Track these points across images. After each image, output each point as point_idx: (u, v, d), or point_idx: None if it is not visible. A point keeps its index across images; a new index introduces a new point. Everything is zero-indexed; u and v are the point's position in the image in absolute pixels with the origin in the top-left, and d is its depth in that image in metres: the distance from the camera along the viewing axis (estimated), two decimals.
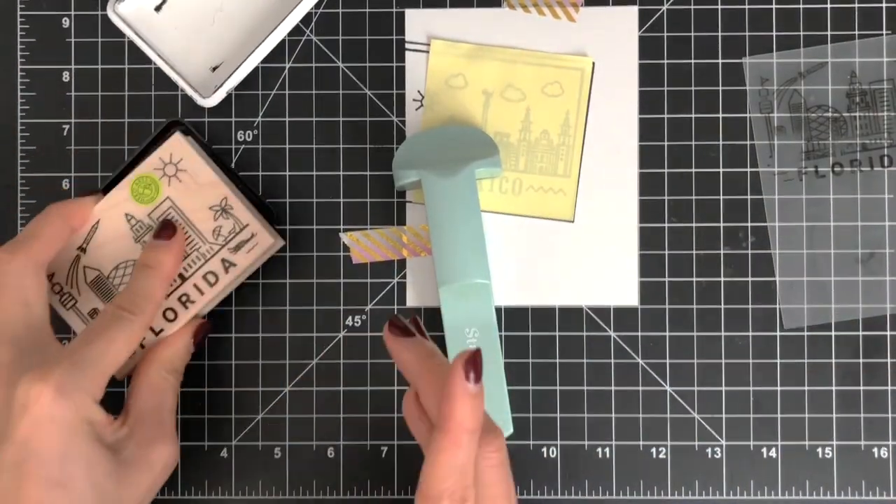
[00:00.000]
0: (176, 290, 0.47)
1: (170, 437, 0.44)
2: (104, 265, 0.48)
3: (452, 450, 0.34)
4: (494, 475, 0.36)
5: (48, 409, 0.39)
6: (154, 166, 0.48)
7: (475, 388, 0.34)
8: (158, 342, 0.47)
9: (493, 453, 0.36)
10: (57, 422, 0.39)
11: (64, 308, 0.48)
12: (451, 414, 0.34)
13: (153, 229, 0.47)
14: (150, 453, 0.43)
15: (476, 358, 0.35)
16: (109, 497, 0.41)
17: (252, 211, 0.48)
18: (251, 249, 0.47)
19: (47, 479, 0.38)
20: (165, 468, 0.44)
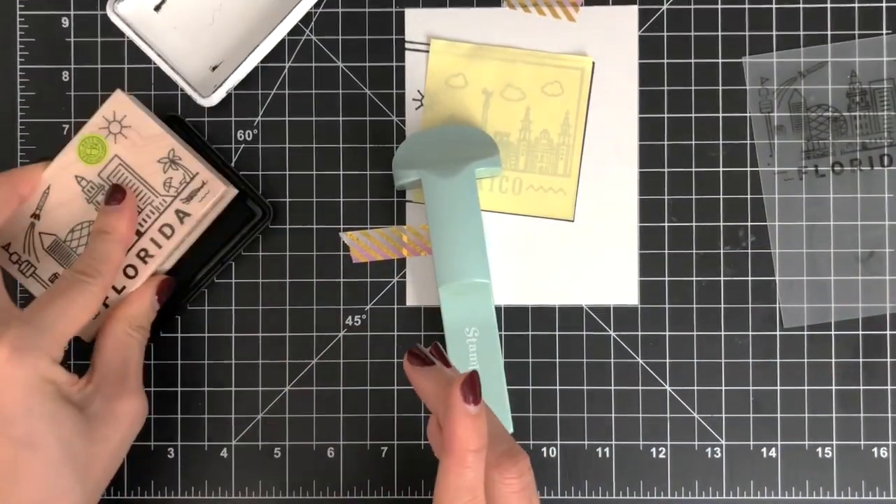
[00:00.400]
0: (134, 246, 0.47)
1: (136, 392, 0.45)
2: (60, 229, 0.48)
3: (458, 470, 0.35)
4: (515, 501, 0.36)
5: (3, 370, 0.39)
6: (99, 125, 0.48)
7: (475, 410, 0.35)
8: (122, 300, 0.47)
9: (513, 479, 0.36)
10: (14, 381, 0.39)
11: (24, 276, 0.48)
12: (453, 435, 0.35)
13: (104, 194, 0.47)
14: (116, 408, 0.43)
15: (473, 380, 0.35)
16: (80, 454, 0.41)
17: (201, 160, 0.48)
18: (203, 198, 0.47)
19: (13, 438, 0.38)
20: (134, 422, 0.44)
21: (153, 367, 0.51)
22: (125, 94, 0.48)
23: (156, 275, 0.48)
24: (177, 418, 0.51)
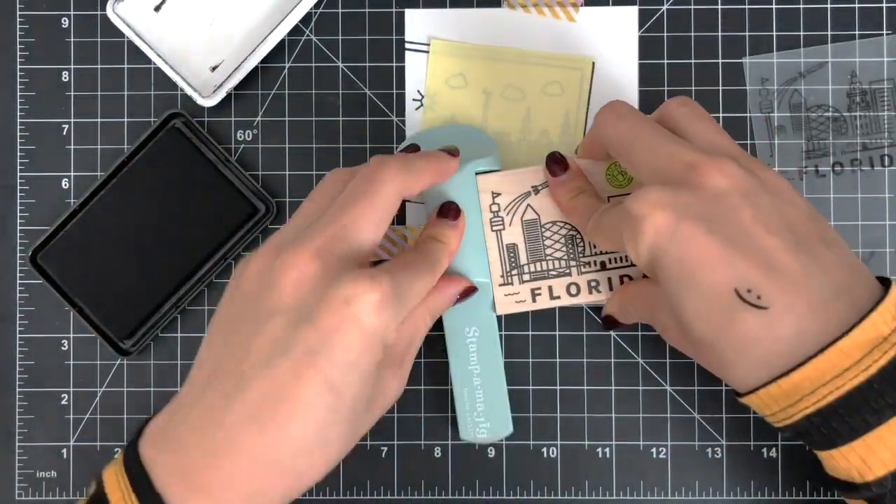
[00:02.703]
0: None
1: (406, 374, 0.43)
2: (544, 214, 0.48)
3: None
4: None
5: (367, 315, 0.37)
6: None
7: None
8: (437, 289, 0.45)
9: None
10: (366, 330, 0.37)
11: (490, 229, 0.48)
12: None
13: (442, 209, 0.47)
14: (390, 385, 0.42)
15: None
16: (357, 420, 0.39)
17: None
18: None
19: (328, 380, 0.36)
20: (393, 401, 0.43)
21: (153, 367, 0.51)
22: None
23: (460, 276, 0.47)
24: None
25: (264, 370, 0.36)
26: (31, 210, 0.52)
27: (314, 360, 0.36)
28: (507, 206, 0.47)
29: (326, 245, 0.38)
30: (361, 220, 0.39)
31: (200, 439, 0.37)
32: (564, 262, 0.47)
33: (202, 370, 0.39)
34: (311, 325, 0.36)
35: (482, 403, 0.48)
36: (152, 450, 0.38)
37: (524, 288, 0.47)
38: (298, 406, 0.36)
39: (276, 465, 0.36)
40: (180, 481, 0.36)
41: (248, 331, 0.38)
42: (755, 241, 0.37)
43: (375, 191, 0.40)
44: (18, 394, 0.51)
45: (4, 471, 0.51)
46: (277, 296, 0.37)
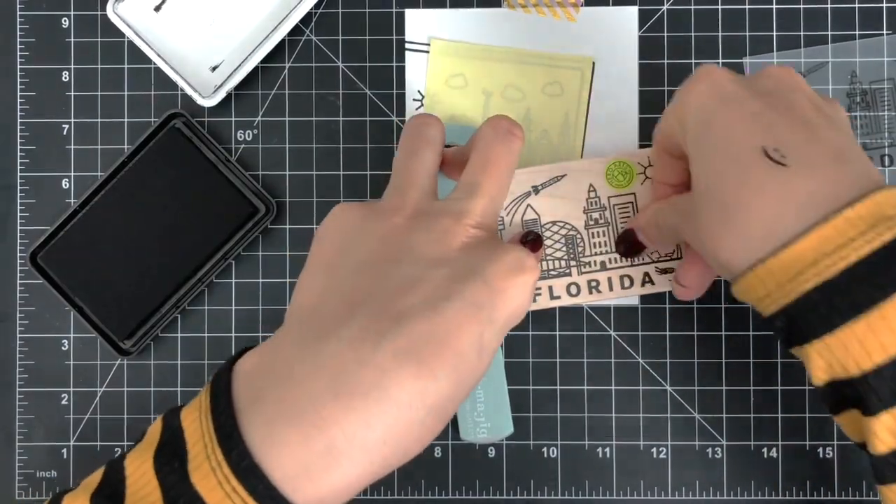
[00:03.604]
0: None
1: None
2: (544, 214, 0.48)
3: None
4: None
5: (528, 288, 0.37)
6: (639, 159, 0.48)
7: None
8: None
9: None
10: (525, 300, 0.37)
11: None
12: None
13: (524, 231, 0.47)
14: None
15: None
16: (467, 392, 0.36)
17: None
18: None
19: (481, 337, 0.35)
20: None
21: (152, 367, 0.51)
22: None
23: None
24: None
25: (428, 312, 0.34)
26: (31, 210, 0.52)
27: (478, 314, 0.34)
28: (508, 206, 0.47)
29: (483, 217, 0.38)
30: (503, 191, 0.39)
31: (331, 376, 0.33)
32: (564, 262, 0.47)
33: (325, 307, 0.35)
34: (482, 279, 0.35)
35: (482, 403, 0.48)
36: (251, 395, 0.33)
37: None
38: (455, 355, 0.34)
39: (416, 414, 0.33)
40: (291, 426, 0.32)
41: (404, 272, 0.35)
42: (798, 110, 0.38)
43: (510, 161, 0.40)
44: (18, 394, 0.51)
45: (4, 471, 0.51)
46: (441, 249, 0.36)
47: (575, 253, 0.47)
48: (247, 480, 0.32)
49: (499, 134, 0.40)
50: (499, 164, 0.39)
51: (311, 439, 0.32)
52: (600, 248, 0.47)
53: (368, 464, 0.33)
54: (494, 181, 0.39)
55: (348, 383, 0.32)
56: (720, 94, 0.38)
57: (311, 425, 0.32)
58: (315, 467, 0.32)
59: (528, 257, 0.37)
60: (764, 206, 0.36)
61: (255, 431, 0.32)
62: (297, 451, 0.32)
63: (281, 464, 0.32)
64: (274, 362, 0.34)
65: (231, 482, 0.32)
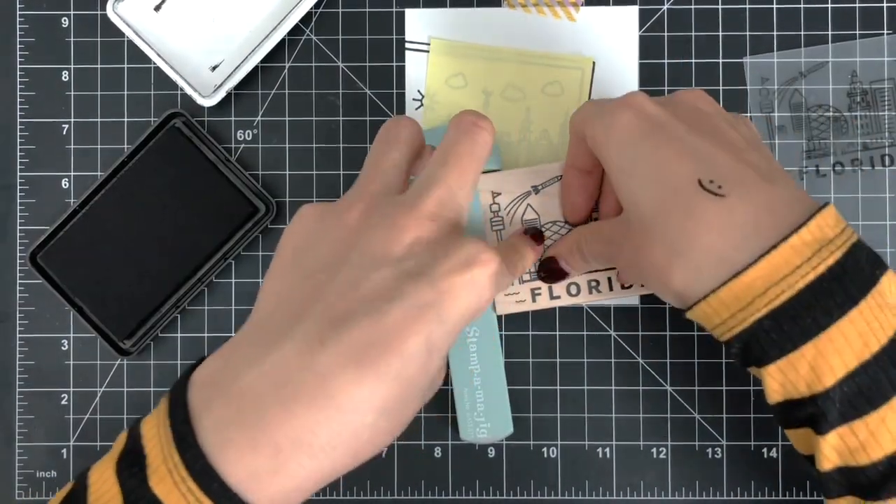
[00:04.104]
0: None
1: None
2: (544, 214, 0.48)
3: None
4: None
5: (482, 283, 0.36)
6: None
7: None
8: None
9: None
10: (480, 297, 0.36)
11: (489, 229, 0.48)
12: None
13: (527, 225, 0.47)
14: (443, 368, 0.40)
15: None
16: (424, 393, 0.37)
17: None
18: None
19: (428, 339, 0.34)
20: (438, 386, 0.41)
21: (153, 367, 0.51)
22: None
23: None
24: None
25: (370, 316, 0.34)
26: (31, 210, 0.52)
27: (423, 315, 0.34)
28: (508, 205, 0.47)
29: (438, 209, 0.37)
30: (465, 183, 0.39)
31: (276, 386, 0.33)
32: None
33: (276, 314, 0.36)
34: (427, 279, 0.35)
35: (482, 403, 0.48)
36: (204, 400, 0.34)
37: (524, 288, 0.47)
38: (398, 359, 0.34)
39: (361, 420, 0.34)
40: (240, 432, 0.33)
41: (351, 277, 0.35)
42: (723, 137, 0.39)
43: (474, 152, 0.39)
44: (18, 394, 0.51)
45: (4, 471, 0.51)
46: (390, 246, 0.36)
47: None
48: (202, 481, 0.33)
49: (461, 127, 0.39)
50: (459, 156, 0.39)
51: (257, 443, 0.33)
52: None
53: (317, 468, 0.34)
54: (454, 172, 0.38)
55: (291, 390, 0.33)
56: (644, 126, 0.39)
57: (258, 430, 0.33)
58: (263, 470, 0.33)
59: (482, 251, 0.36)
60: (711, 238, 0.36)
61: (208, 436, 0.33)
62: (245, 454, 0.33)
63: (233, 467, 0.33)
64: (226, 370, 0.35)
65: (187, 483, 0.33)
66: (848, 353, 0.35)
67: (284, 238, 0.39)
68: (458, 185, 0.38)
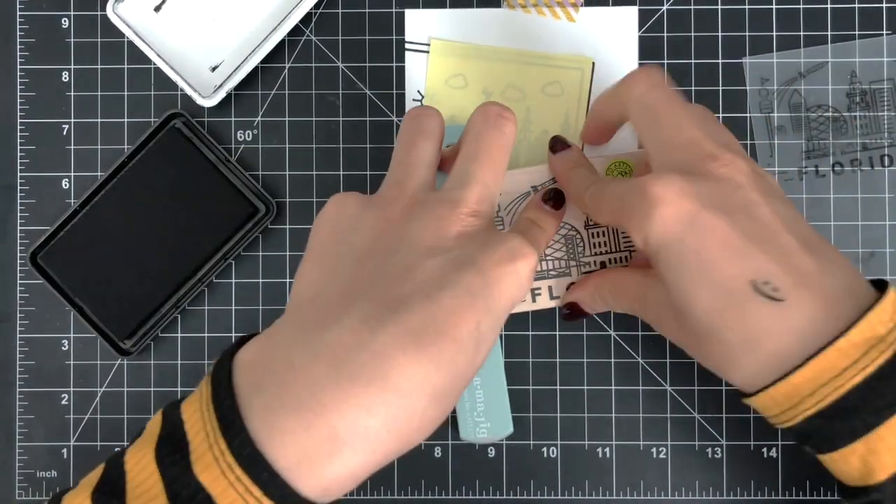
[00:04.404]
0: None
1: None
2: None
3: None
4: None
5: (525, 274, 0.37)
6: (638, 158, 0.47)
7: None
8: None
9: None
10: (521, 288, 0.36)
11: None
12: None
13: (543, 191, 0.46)
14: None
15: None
16: (465, 384, 0.36)
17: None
18: None
19: (478, 326, 0.34)
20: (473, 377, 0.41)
21: (153, 367, 0.51)
22: None
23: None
24: None
25: (424, 301, 0.34)
26: (31, 210, 0.52)
27: (474, 302, 0.34)
28: (507, 206, 0.47)
29: (478, 205, 0.38)
30: (498, 177, 0.39)
31: (331, 363, 0.32)
32: (564, 262, 0.47)
33: (325, 296, 0.35)
34: (476, 268, 0.35)
35: (482, 403, 0.48)
36: (251, 384, 0.33)
37: None
38: (452, 345, 0.34)
39: (413, 403, 0.33)
40: (292, 413, 0.32)
41: (401, 262, 0.36)
42: (774, 236, 0.37)
43: (503, 144, 0.39)
44: (18, 394, 0.51)
45: (4, 471, 0.51)
46: (437, 239, 0.36)
47: (575, 253, 0.47)
48: (250, 469, 0.31)
49: (489, 119, 0.40)
50: (490, 150, 0.39)
51: (312, 427, 0.32)
52: (600, 248, 0.47)
53: (370, 452, 0.33)
54: (487, 167, 0.39)
55: (348, 370, 0.32)
56: (685, 220, 0.37)
57: (312, 412, 0.32)
58: (317, 455, 0.32)
59: (524, 245, 0.37)
60: (770, 345, 0.36)
61: (256, 420, 0.32)
62: (299, 438, 0.32)
63: (284, 452, 0.32)
64: (274, 351, 0.34)
65: (235, 471, 0.32)
66: None
67: (320, 224, 0.38)
68: (492, 180, 0.39)
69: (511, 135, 0.40)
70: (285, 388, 0.32)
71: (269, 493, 0.31)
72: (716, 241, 0.37)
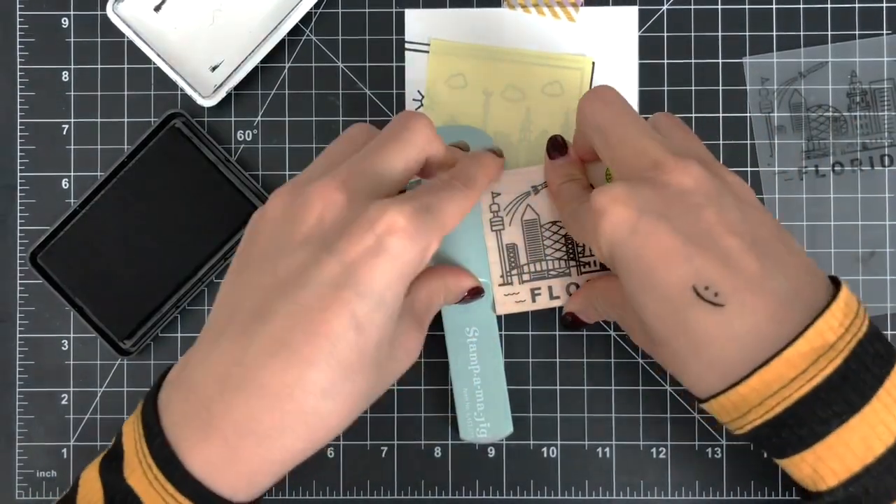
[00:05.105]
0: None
1: (422, 338, 0.41)
2: (544, 214, 0.48)
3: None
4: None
5: (394, 242, 0.35)
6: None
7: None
8: (453, 272, 0.45)
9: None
10: (397, 260, 0.35)
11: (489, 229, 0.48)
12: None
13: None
14: (409, 340, 0.40)
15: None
16: (382, 367, 0.37)
17: None
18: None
19: (353, 315, 0.34)
20: (412, 360, 0.41)
21: (153, 367, 0.51)
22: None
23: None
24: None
25: (286, 304, 0.35)
26: (31, 210, 0.52)
27: (339, 293, 0.34)
28: (507, 206, 0.47)
29: (353, 178, 0.37)
30: (391, 157, 0.38)
31: (217, 381, 0.35)
32: (564, 262, 0.47)
33: (219, 314, 0.37)
34: (333, 256, 0.35)
35: (482, 403, 0.48)
36: (167, 399, 0.36)
37: (524, 288, 0.47)
38: (324, 341, 0.34)
39: (299, 404, 0.34)
40: (193, 425, 0.35)
41: (269, 267, 0.36)
42: (715, 239, 0.36)
43: (407, 138, 0.39)
44: (18, 394, 0.51)
45: (4, 471, 0.51)
46: (299, 228, 0.36)
47: (574, 253, 0.47)
48: (166, 469, 0.35)
49: (399, 119, 0.39)
50: (385, 138, 0.39)
51: (208, 435, 0.35)
52: None
53: (268, 452, 0.35)
54: (367, 149, 0.38)
55: (231, 383, 0.35)
56: (626, 231, 0.37)
57: (206, 422, 0.35)
58: (217, 458, 0.35)
59: (384, 212, 0.35)
60: (712, 353, 0.36)
61: (170, 430, 0.36)
62: (200, 445, 0.35)
63: (192, 457, 0.35)
64: (185, 368, 0.37)
65: (153, 471, 0.35)
66: (850, 457, 0.35)
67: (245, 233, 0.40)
68: (381, 158, 0.38)
69: (421, 137, 0.39)
70: (187, 401, 0.36)
71: (183, 491, 0.35)
72: (655, 247, 0.36)
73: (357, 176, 0.37)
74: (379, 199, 0.37)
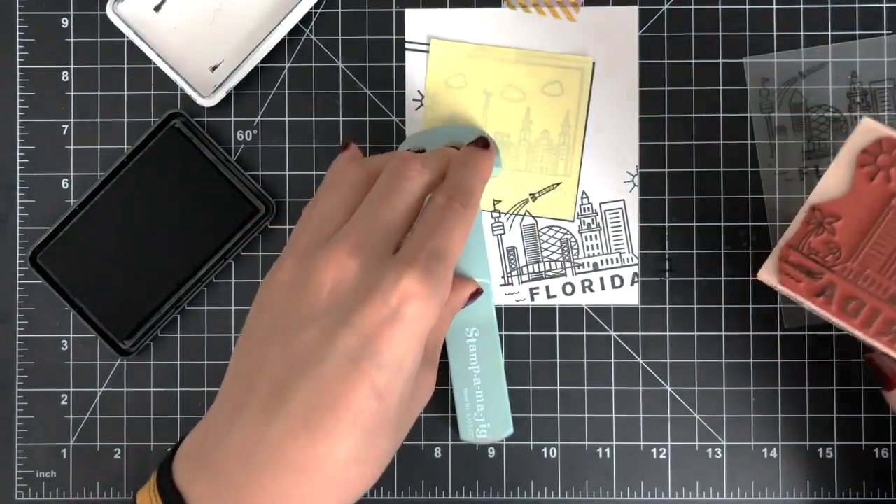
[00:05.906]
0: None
1: (436, 371, 0.42)
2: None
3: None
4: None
5: (413, 309, 0.35)
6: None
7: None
8: (453, 289, 0.43)
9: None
10: (415, 325, 0.35)
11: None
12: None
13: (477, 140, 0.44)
14: (425, 381, 0.40)
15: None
16: (401, 420, 0.37)
17: None
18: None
19: (373, 387, 0.34)
20: (428, 396, 0.41)
21: (152, 367, 0.51)
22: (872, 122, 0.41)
23: (470, 279, 0.46)
24: (176, 419, 0.51)
25: (306, 380, 0.34)
26: (31, 210, 0.52)
27: (358, 365, 0.34)
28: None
29: (363, 239, 0.36)
30: (396, 209, 0.38)
31: (242, 460, 0.35)
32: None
33: (235, 387, 0.37)
34: (350, 328, 0.35)
35: (482, 403, 0.48)
36: (188, 475, 0.36)
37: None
38: (347, 413, 0.34)
39: (328, 476, 0.35)
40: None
41: (284, 341, 0.36)
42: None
43: (407, 188, 0.38)
44: (18, 394, 0.51)
45: (4, 471, 0.51)
46: (314, 300, 0.36)
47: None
48: None
49: (390, 169, 0.39)
50: (386, 189, 0.38)
51: None
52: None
53: None
54: (370, 203, 0.38)
55: (256, 463, 0.34)
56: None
57: (235, 502, 0.35)
58: None
59: (401, 277, 0.35)
60: None
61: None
62: None
63: None
64: (204, 443, 0.36)
65: None
66: None
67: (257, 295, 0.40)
68: (386, 214, 0.38)
69: (419, 182, 0.39)
70: (211, 482, 0.35)
71: None
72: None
73: (367, 237, 0.37)
74: (391, 253, 0.37)
